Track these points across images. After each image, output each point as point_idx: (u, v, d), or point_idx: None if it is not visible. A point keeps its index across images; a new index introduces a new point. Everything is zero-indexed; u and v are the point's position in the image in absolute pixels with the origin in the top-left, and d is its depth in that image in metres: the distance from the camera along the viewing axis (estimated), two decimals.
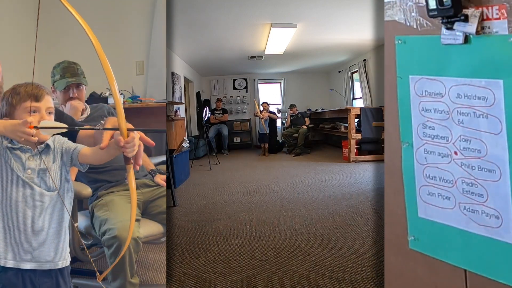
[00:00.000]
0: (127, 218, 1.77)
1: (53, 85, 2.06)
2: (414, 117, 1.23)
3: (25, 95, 1.29)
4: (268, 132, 7.88)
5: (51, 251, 1.31)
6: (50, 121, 1.32)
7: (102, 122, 2.14)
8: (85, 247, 1.81)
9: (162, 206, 2.03)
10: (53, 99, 1.41)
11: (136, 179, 2.05)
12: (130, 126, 1.21)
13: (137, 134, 1.23)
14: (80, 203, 2.03)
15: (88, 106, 2.18)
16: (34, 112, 1.29)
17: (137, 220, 1.88)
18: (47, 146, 1.34)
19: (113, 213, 1.81)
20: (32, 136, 1.24)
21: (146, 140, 1.27)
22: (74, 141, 1.40)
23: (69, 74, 2.03)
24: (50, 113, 1.33)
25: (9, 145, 1.29)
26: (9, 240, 1.27)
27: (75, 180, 1.85)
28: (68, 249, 1.37)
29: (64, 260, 1.35)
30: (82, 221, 1.96)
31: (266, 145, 7.79)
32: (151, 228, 1.97)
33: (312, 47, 7.11)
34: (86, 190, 1.82)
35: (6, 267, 1.27)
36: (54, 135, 1.34)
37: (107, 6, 3.50)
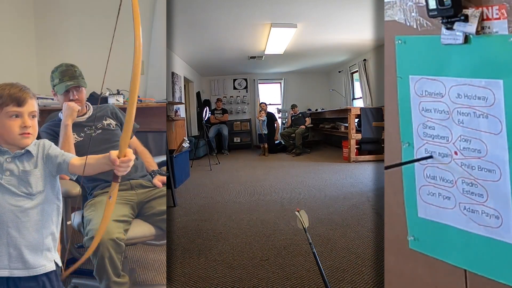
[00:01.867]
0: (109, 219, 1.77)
1: (53, 89, 2.06)
2: (414, 117, 1.23)
3: (8, 99, 1.25)
4: (266, 132, 7.87)
5: (30, 257, 1.27)
6: (33, 125, 1.30)
7: (105, 122, 2.15)
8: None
9: (156, 207, 2.02)
10: (53, 99, 1.40)
11: (132, 179, 2.06)
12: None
13: (133, 155, 1.21)
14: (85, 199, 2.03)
15: (91, 106, 2.18)
16: (16, 117, 1.26)
17: (126, 221, 1.88)
18: (27, 152, 1.31)
19: (97, 214, 1.81)
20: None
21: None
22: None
23: (67, 78, 2.03)
24: (33, 116, 1.30)
25: None
26: None
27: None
28: (55, 255, 1.34)
29: (48, 265, 1.30)
30: (77, 220, 1.97)
31: (266, 145, 7.78)
32: (142, 230, 1.96)
33: (312, 47, 7.11)
34: (75, 190, 1.82)
35: None
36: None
37: (107, 6, 3.50)
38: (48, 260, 1.31)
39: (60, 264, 1.37)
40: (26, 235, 1.27)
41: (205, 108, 7.36)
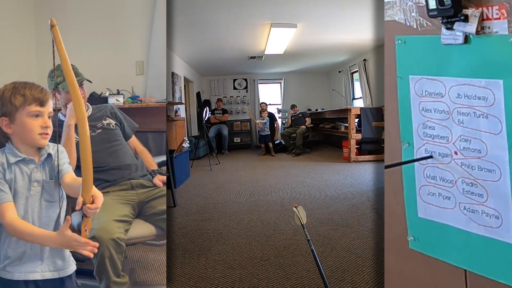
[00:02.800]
0: (108, 219, 1.77)
1: (54, 87, 2.05)
2: (414, 117, 1.23)
3: (31, 98, 1.25)
4: (269, 132, 7.86)
5: (59, 261, 1.31)
6: (51, 126, 1.30)
7: (104, 122, 2.15)
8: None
9: (157, 207, 2.02)
10: (54, 101, 1.40)
11: (133, 179, 2.06)
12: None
13: (100, 202, 1.20)
14: None
15: (90, 106, 2.18)
16: (37, 116, 1.27)
17: (126, 221, 1.88)
18: (49, 155, 1.32)
19: (98, 213, 1.81)
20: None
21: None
22: None
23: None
24: (49, 117, 1.31)
25: (12, 158, 1.26)
26: (18, 254, 1.26)
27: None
28: (71, 256, 1.38)
29: (73, 266, 1.35)
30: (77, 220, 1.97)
31: (270, 145, 7.76)
32: (143, 230, 1.97)
33: (312, 47, 7.11)
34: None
35: (16, 280, 1.26)
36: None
37: (107, 6, 3.50)
38: (71, 261, 1.36)
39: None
40: None
41: (205, 108, 7.36)
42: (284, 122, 8.92)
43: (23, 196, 1.26)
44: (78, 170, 1.61)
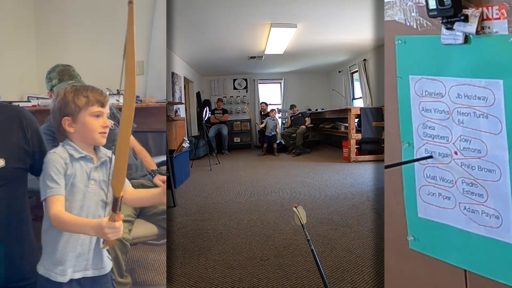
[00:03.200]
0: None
1: (50, 89, 2.05)
2: (414, 117, 1.23)
3: (93, 100, 1.33)
4: (274, 133, 7.85)
5: (99, 258, 1.34)
6: (109, 125, 1.37)
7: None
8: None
9: (158, 206, 2.03)
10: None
11: (133, 179, 2.06)
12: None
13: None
14: None
15: None
16: (98, 117, 1.34)
17: (129, 221, 1.88)
18: (109, 159, 1.36)
19: None
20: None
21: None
22: None
23: (67, 77, 2.03)
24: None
25: (76, 154, 1.31)
26: (72, 254, 1.29)
27: None
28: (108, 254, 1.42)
29: (109, 264, 1.39)
30: None
31: (275, 145, 7.75)
32: (145, 229, 1.97)
33: (312, 47, 7.11)
34: None
35: (71, 279, 1.29)
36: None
37: (107, 6, 3.50)
38: (110, 259, 1.40)
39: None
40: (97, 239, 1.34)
41: (205, 108, 7.36)
42: (284, 122, 8.92)
43: (80, 192, 1.29)
44: None
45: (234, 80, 9.60)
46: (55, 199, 1.24)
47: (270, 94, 9.78)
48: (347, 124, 6.46)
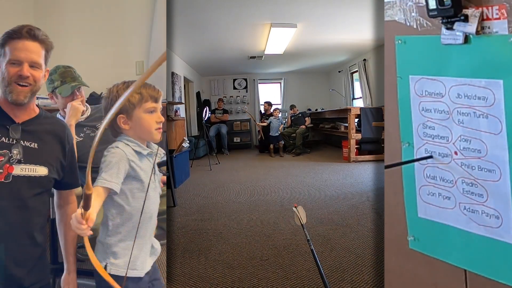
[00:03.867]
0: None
1: (52, 91, 2.04)
2: (414, 117, 1.23)
3: (147, 96, 1.32)
4: (279, 133, 7.83)
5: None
6: (163, 120, 1.37)
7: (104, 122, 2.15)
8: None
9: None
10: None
11: None
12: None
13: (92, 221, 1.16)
14: None
15: (89, 106, 2.18)
16: (152, 112, 1.33)
17: None
18: (154, 153, 1.38)
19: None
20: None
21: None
22: None
23: (70, 79, 2.01)
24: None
25: (144, 151, 1.33)
26: (145, 250, 1.35)
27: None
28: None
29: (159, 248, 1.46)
30: None
31: (281, 144, 7.73)
32: None
33: (312, 47, 7.11)
34: (77, 190, 1.83)
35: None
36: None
37: (107, 6, 3.50)
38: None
39: None
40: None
41: (205, 108, 7.35)
42: (284, 122, 8.92)
43: (146, 187, 1.31)
44: (81, 170, 1.61)
45: (234, 80, 9.59)
46: (101, 189, 1.21)
47: (270, 94, 9.77)
48: (347, 124, 6.46)
